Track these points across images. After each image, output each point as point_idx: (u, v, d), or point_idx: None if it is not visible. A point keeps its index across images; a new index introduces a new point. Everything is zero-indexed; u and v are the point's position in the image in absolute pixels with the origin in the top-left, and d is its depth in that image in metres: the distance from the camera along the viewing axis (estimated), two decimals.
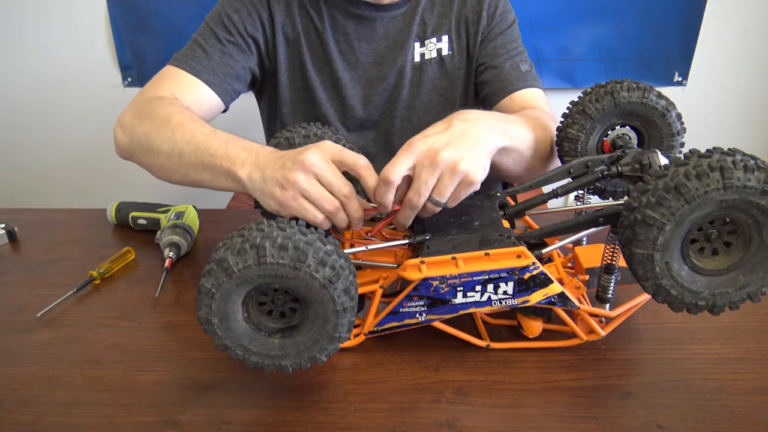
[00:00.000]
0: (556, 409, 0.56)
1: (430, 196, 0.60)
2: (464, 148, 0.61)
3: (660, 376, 0.60)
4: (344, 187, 0.60)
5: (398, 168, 0.59)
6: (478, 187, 0.62)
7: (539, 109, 0.91)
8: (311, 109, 1.01)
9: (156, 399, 0.58)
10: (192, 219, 0.89)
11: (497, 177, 1.05)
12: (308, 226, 0.55)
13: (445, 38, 0.99)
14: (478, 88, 1.02)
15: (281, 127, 0.99)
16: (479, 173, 0.61)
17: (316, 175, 0.59)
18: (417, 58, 0.99)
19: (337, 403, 0.57)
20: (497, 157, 0.71)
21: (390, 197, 0.60)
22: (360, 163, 0.61)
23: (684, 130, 0.71)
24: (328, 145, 0.61)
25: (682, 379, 0.59)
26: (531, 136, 0.76)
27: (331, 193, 0.59)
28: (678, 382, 0.59)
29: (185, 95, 0.86)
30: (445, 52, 0.99)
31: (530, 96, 0.95)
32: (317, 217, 0.59)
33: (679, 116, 0.70)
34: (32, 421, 0.55)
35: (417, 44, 0.99)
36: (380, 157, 1.03)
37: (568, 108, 0.74)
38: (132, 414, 0.56)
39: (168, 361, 0.63)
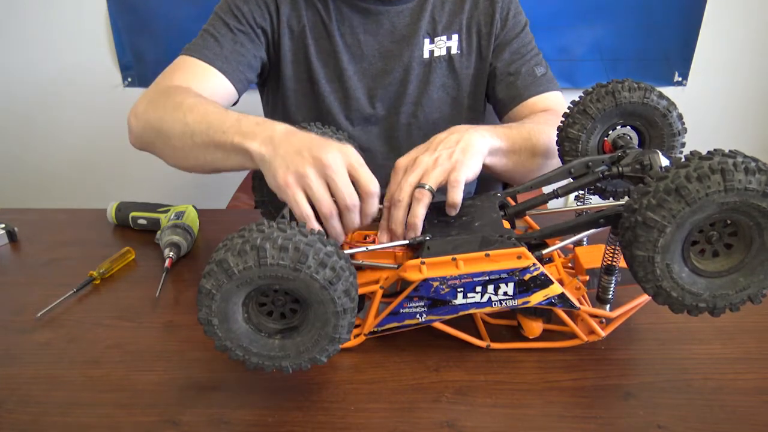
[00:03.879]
0: (556, 409, 0.56)
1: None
2: (443, 147, 0.67)
3: (660, 376, 0.60)
4: (351, 197, 0.60)
5: (395, 185, 0.64)
6: (473, 165, 0.66)
7: (550, 111, 0.92)
8: (315, 101, 1.01)
9: (156, 399, 0.58)
10: (192, 219, 0.89)
11: (498, 178, 1.07)
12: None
13: (455, 37, 0.98)
14: (493, 93, 1.02)
15: (283, 119, 1.00)
16: (467, 158, 0.66)
17: (327, 176, 0.59)
18: (426, 55, 0.99)
19: (337, 403, 0.57)
20: (495, 159, 0.74)
21: (401, 215, 0.63)
22: (371, 188, 0.61)
23: (685, 130, 0.71)
24: (350, 151, 0.62)
25: (683, 379, 0.59)
26: (527, 136, 0.79)
27: (335, 198, 0.60)
28: (678, 382, 0.59)
29: (200, 84, 0.86)
30: (454, 50, 0.99)
31: (543, 100, 0.96)
32: (307, 215, 0.60)
33: (680, 116, 0.70)
34: (32, 421, 0.55)
35: (426, 41, 0.98)
36: (382, 153, 1.03)
37: (569, 108, 0.74)
38: (132, 414, 0.56)
39: (168, 361, 0.63)
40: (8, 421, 0.55)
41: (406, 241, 0.62)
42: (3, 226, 0.90)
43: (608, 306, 0.64)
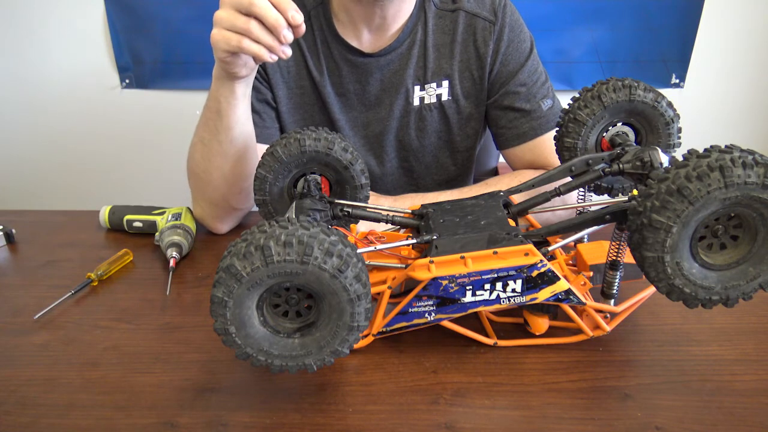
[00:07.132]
0: (555, 411, 0.56)
1: None
2: None
3: (658, 377, 0.60)
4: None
5: None
6: None
7: (537, 164, 0.97)
8: None
9: (154, 401, 0.58)
10: (189, 220, 0.89)
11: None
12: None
13: (445, 83, 0.97)
14: (495, 125, 1.01)
15: None
16: None
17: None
18: (416, 102, 0.98)
19: (336, 405, 0.57)
20: None
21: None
22: None
23: (678, 116, 0.71)
24: None
25: (680, 380, 0.59)
26: None
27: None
28: (676, 383, 0.59)
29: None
30: (444, 97, 0.98)
31: (542, 143, 0.97)
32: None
33: (669, 104, 0.70)
34: (30, 423, 0.55)
35: (417, 87, 0.98)
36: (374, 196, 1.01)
37: (560, 117, 0.74)
38: (130, 416, 0.56)
39: (166, 363, 0.63)
40: (6, 423, 0.55)
41: (414, 241, 0.62)
42: (1, 227, 0.90)
43: (612, 301, 0.64)
